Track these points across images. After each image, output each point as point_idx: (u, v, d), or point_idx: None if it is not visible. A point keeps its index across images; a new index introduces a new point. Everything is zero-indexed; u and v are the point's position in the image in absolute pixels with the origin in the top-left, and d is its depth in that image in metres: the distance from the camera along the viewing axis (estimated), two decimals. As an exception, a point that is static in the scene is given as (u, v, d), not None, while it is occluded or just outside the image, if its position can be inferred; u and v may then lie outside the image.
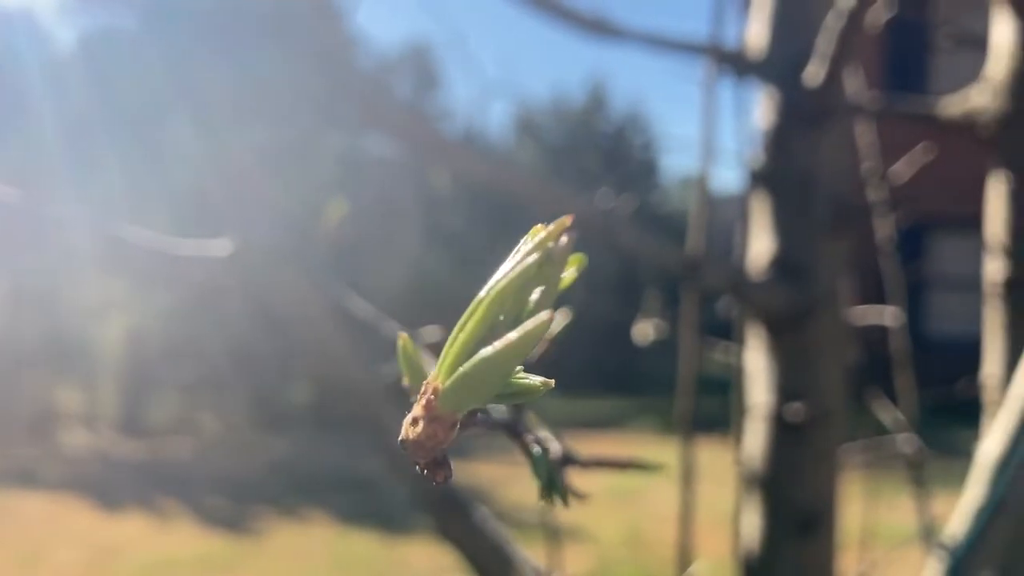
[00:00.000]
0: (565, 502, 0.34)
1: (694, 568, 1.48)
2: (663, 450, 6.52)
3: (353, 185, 10.42)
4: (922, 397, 1.78)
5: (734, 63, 1.48)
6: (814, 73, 1.37)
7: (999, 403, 1.53)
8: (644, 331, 1.68)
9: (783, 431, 1.46)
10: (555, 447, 0.55)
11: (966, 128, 1.61)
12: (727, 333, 1.65)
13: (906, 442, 1.70)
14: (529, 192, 1.16)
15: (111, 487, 6.77)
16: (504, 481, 6.51)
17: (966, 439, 2.97)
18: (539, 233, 0.29)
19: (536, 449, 0.31)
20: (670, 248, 1.26)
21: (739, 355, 1.56)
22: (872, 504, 1.93)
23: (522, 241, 0.30)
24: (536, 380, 0.30)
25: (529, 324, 0.25)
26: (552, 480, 0.34)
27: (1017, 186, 1.55)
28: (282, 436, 8.73)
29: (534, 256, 0.27)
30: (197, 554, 5.34)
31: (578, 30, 1.61)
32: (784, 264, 1.46)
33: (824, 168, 1.45)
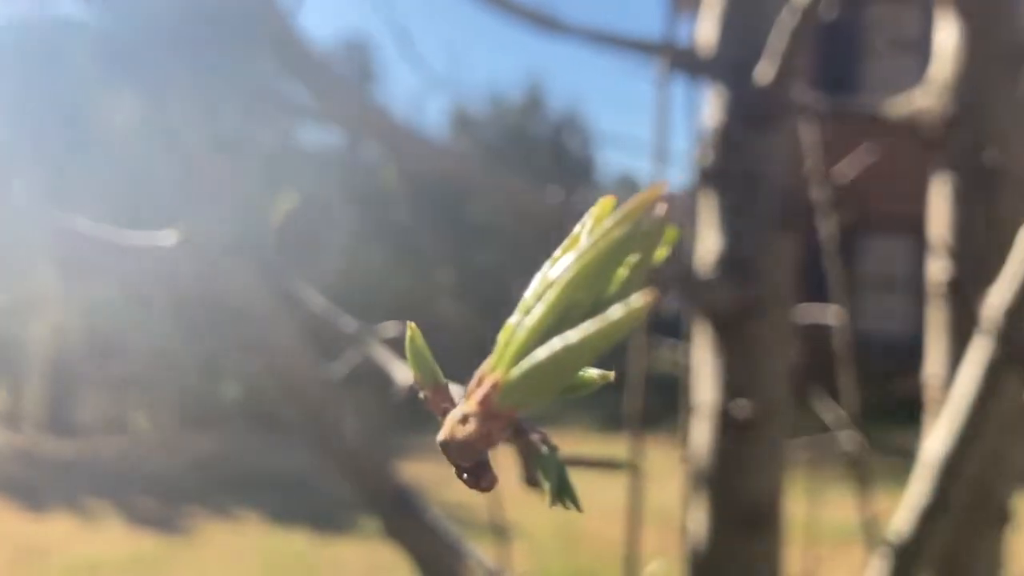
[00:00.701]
0: (578, 505, 0.31)
1: (653, 566, 1.47)
2: (604, 447, 6.55)
3: (286, 178, 10.29)
4: (863, 395, 1.79)
5: (685, 62, 1.48)
6: (764, 72, 1.37)
7: (941, 402, 1.55)
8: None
9: (729, 428, 1.46)
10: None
11: (910, 129, 1.63)
12: (674, 331, 1.64)
13: (848, 439, 1.72)
14: (484, 184, 1.14)
15: (37, 487, 6.58)
16: (440, 481, 6.47)
17: (902, 438, 3.02)
18: (608, 205, 0.27)
19: (544, 449, 0.29)
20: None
21: (686, 352, 1.56)
22: (815, 501, 1.95)
23: (586, 214, 0.27)
24: (594, 372, 0.27)
25: (621, 309, 0.23)
26: (563, 482, 0.32)
27: (961, 187, 1.57)
28: (212, 434, 8.58)
29: (621, 230, 0.24)
30: (126, 555, 5.22)
31: (526, 25, 1.59)
32: (731, 262, 1.46)
33: (772, 167, 1.45)
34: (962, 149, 1.59)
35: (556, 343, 0.24)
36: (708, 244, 1.49)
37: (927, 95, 1.64)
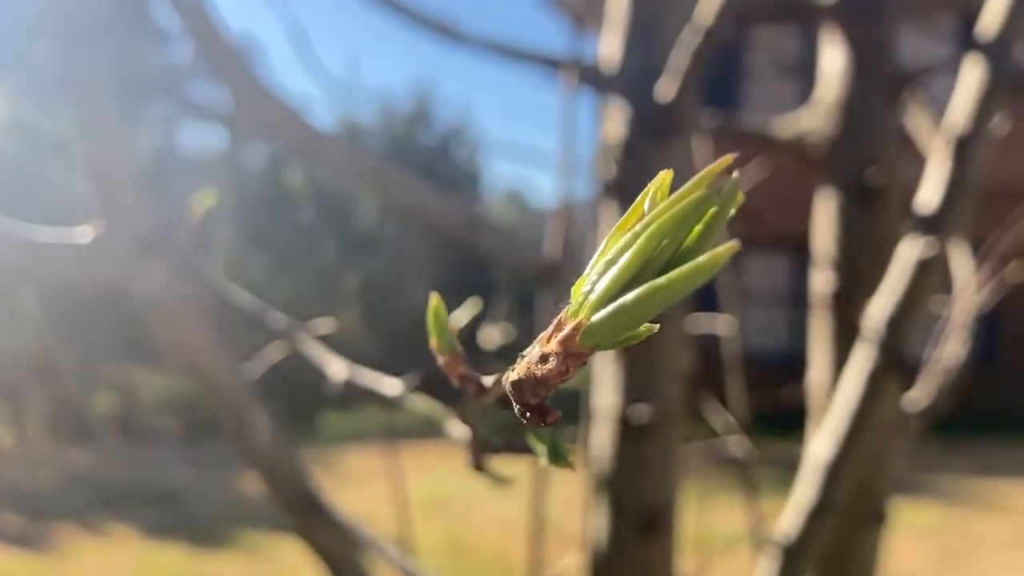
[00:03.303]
0: (572, 467, 0.35)
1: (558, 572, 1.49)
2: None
3: (165, 182, 10.02)
4: (750, 403, 1.87)
5: (588, 77, 1.51)
6: (666, 89, 1.42)
7: (825, 408, 1.63)
8: (491, 336, 1.69)
9: (627, 432, 1.50)
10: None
11: (797, 148, 1.71)
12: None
13: (736, 445, 1.78)
14: (397, 190, 1.15)
15: None
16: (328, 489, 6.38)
17: (783, 445, 3.13)
18: (668, 176, 0.29)
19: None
20: (530, 254, 1.28)
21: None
22: (704, 506, 2.01)
23: (650, 185, 0.30)
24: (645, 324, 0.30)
25: (706, 256, 0.25)
26: (556, 445, 0.35)
27: (845, 204, 1.66)
28: (84, 447, 8.27)
29: (703, 188, 0.27)
30: (-9, 573, 4.98)
31: (427, 34, 1.61)
32: (632, 272, 1.50)
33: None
34: (845, 168, 1.67)
35: (644, 287, 0.26)
36: (609, 254, 1.53)
37: (813, 116, 1.73)
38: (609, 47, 1.55)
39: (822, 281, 1.70)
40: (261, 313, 0.80)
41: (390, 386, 0.75)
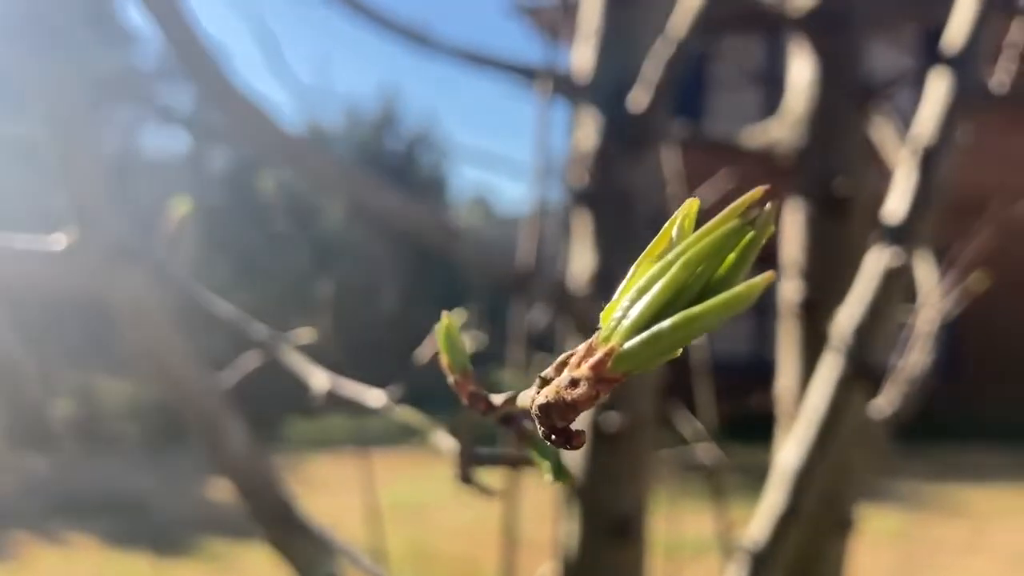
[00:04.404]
0: (574, 483, 0.35)
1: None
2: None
3: (126, 187, 9.91)
4: (718, 410, 1.88)
5: (561, 86, 1.53)
6: (638, 99, 1.43)
7: (793, 415, 1.65)
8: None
9: (599, 440, 1.51)
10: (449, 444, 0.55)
11: (766, 158, 1.73)
12: (548, 345, 1.68)
13: (705, 452, 1.80)
14: (370, 198, 1.15)
15: None
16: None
17: (751, 452, 3.16)
18: (695, 205, 0.30)
19: (540, 435, 0.33)
20: (502, 262, 1.28)
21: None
22: (674, 513, 2.02)
23: (677, 213, 0.30)
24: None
25: (743, 286, 0.26)
26: (559, 462, 0.36)
27: (813, 213, 1.68)
28: (42, 454, 8.14)
29: (736, 219, 0.28)
30: (-54, 583, 4.89)
31: (400, 41, 1.61)
32: (604, 279, 1.51)
33: (643, 190, 1.51)
34: (813, 178, 1.70)
35: (680, 315, 0.27)
36: (581, 262, 1.54)
37: (782, 126, 1.75)
38: (582, 57, 1.57)
39: (790, 290, 1.71)
40: (241, 322, 0.79)
41: (374, 398, 0.75)
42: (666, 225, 0.30)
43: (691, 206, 0.30)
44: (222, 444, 0.93)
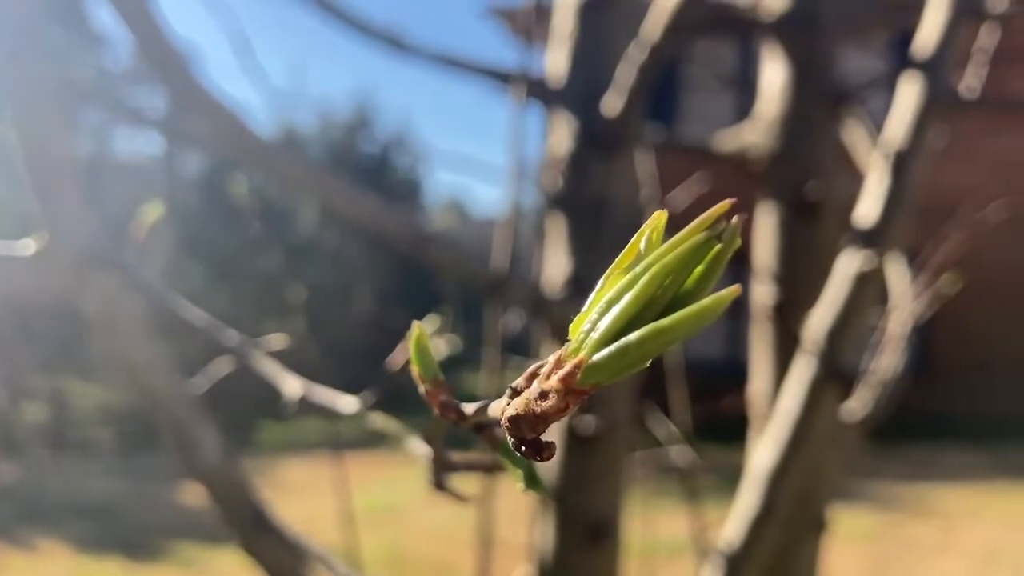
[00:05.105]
0: (546, 491, 0.35)
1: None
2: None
3: (97, 191, 9.82)
4: (692, 413, 1.89)
5: (535, 90, 1.53)
6: (612, 104, 1.43)
7: (767, 417, 1.66)
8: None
9: (574, 443, 1.51)
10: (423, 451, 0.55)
11: (738, 162, 1.74)
12: (522, 348, 1.69)
13: (679, 454, 1.80)
14: (344, 203, 1.15)
15: None
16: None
17: (725, 455, 3.18)
18: (663, 217, 0.30)
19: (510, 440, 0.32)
20: (477, 266, 1.28)
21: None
22: (649, 515, 2.03)
23: (645, 224, 0.30)
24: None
25: (710, 299, 0.26)
26: (531, 470, 0.36)
27: (785, 217, 1.69)
28: (12, 460, 8.05)
29: (703, 232, 0.28)
30: (-86, 591, 4.83)
31: (375, 45, 1.61)
32: (578, 283, 1.52)
33: (617, 193, 1.52)
34: (786, 181, 1.71)
35: (647, 328, 0.27)
36: (556, 265, 1.54)
37: (754, 131, 1.76)
38: (556, 61, 1.57)
39: (763, 293, 1.72)
40: (213, 329, 0.79)
41: (346, 404, 0.75)
42: (634, 237, 0.30)
43: (659, 218, 0.30)
44: (194, 449, 0.93)
